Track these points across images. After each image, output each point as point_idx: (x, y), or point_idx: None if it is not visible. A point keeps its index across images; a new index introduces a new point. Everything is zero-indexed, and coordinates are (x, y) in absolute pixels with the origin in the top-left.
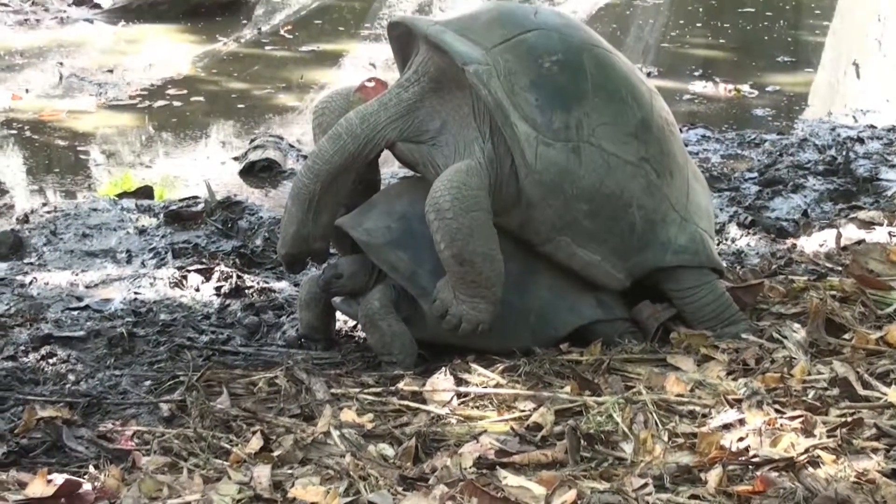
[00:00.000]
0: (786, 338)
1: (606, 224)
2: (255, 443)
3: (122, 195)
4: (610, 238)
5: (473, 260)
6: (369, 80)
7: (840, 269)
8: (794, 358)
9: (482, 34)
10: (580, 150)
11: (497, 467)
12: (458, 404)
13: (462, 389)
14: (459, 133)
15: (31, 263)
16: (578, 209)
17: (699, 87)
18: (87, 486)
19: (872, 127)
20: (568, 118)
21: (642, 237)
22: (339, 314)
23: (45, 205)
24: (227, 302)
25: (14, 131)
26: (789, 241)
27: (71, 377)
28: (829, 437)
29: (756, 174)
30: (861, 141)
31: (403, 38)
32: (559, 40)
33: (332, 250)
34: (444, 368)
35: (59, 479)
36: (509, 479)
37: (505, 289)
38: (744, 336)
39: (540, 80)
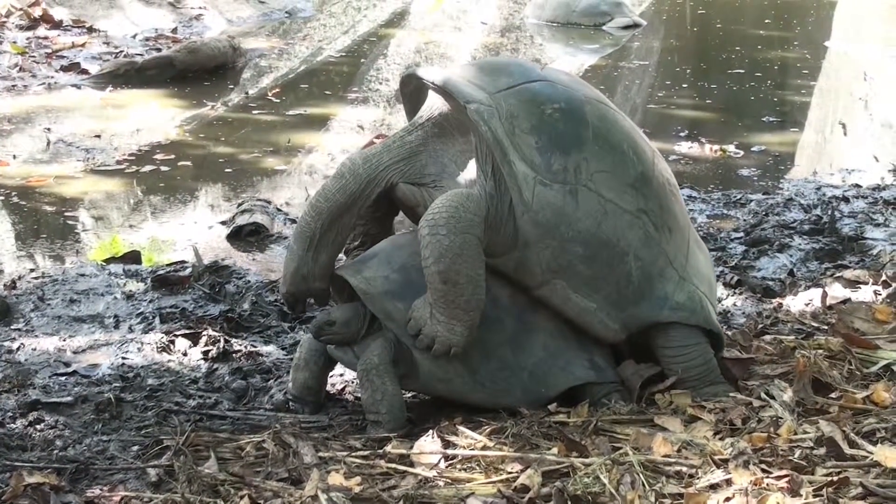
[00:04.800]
0: (773, 397)
1: (602, 270)
2: None
3: (109, 260)
4: (605, 285)
5: (458, 280)
6: (377, 136)
7: (826, 328)
8: (781, 417)
9: (487, 81)
10: (577, 192)
11: None
12: (446, 467)
13: (449, 452)
14: (461, 176)
15: (19, 329)
16: (574, 252)
17: (685, 147)
18: None
19: (857, 186)
20: (566, 161)
21: (638, 289)
22: (330, 377)
23: (32, 270)
24: (215, 366)
25: (1, 197)
26: (775, 301)
27: (58, 443)
28: (815, 496)
29: (742, 234)
30: (846, 200)
31: (415, 95)
32: (563, 91)
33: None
34: (431, 431)
35: None
36: None
37: (499, 345)
38: (731, 395)
39: (541, 124)
